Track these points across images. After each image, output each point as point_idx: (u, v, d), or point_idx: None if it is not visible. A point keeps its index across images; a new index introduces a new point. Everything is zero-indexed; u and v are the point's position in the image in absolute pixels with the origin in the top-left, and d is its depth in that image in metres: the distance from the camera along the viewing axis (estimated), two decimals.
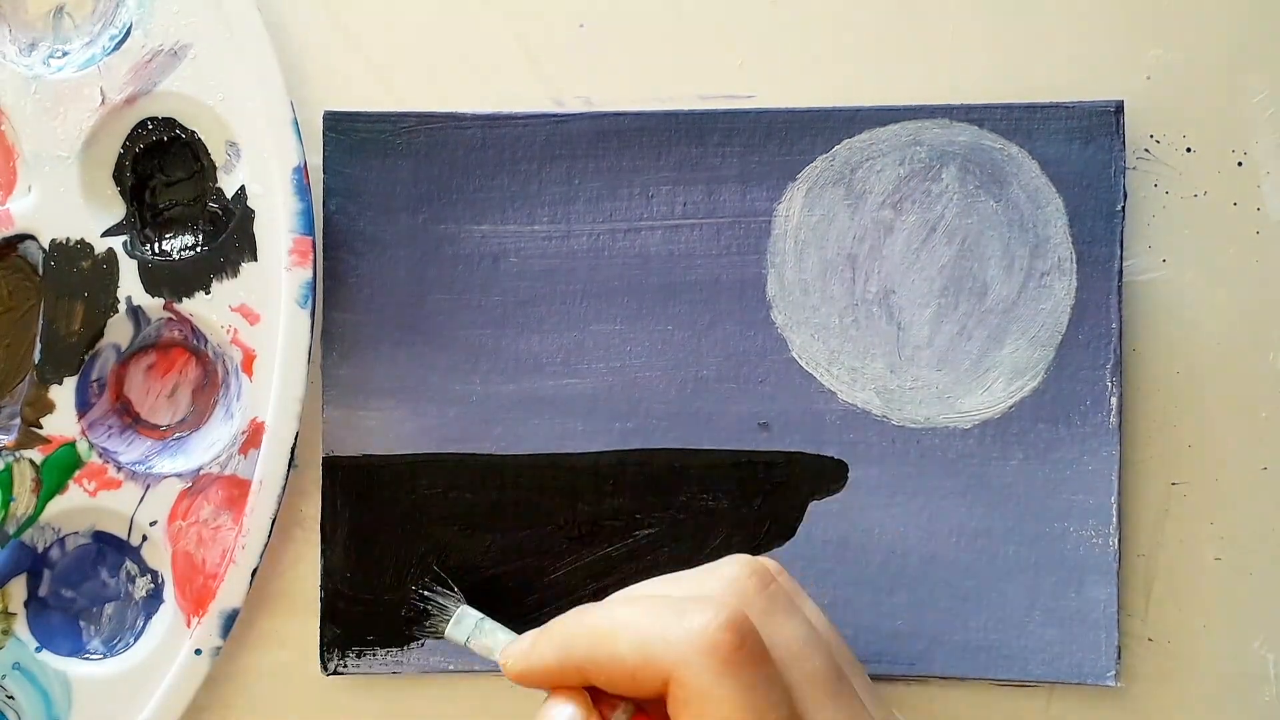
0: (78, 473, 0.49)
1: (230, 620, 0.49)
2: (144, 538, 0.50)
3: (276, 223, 0.48)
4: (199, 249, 0.50)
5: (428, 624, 0.49)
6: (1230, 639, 0.50)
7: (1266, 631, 0.50)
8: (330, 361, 0.50)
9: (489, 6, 0.51)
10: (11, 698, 0.49)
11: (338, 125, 0.50)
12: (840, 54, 0.51)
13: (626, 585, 0.48)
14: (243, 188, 0.49)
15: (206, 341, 0.50)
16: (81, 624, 0.51)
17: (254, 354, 0.49)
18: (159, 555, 0.50)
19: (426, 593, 0.49)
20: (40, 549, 0.50)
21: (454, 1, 0.51)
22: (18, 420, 0.49)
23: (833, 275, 0.50)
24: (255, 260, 0.49)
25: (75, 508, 0.49)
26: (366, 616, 0.50)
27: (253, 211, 0.48)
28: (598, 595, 0.49)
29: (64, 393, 0.49)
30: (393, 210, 0.50)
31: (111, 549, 0.50)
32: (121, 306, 0.49)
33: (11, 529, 0.49)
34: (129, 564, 0.50)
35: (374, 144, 0.50)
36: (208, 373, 0.51)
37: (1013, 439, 0.50)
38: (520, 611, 0.50)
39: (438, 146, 0.50)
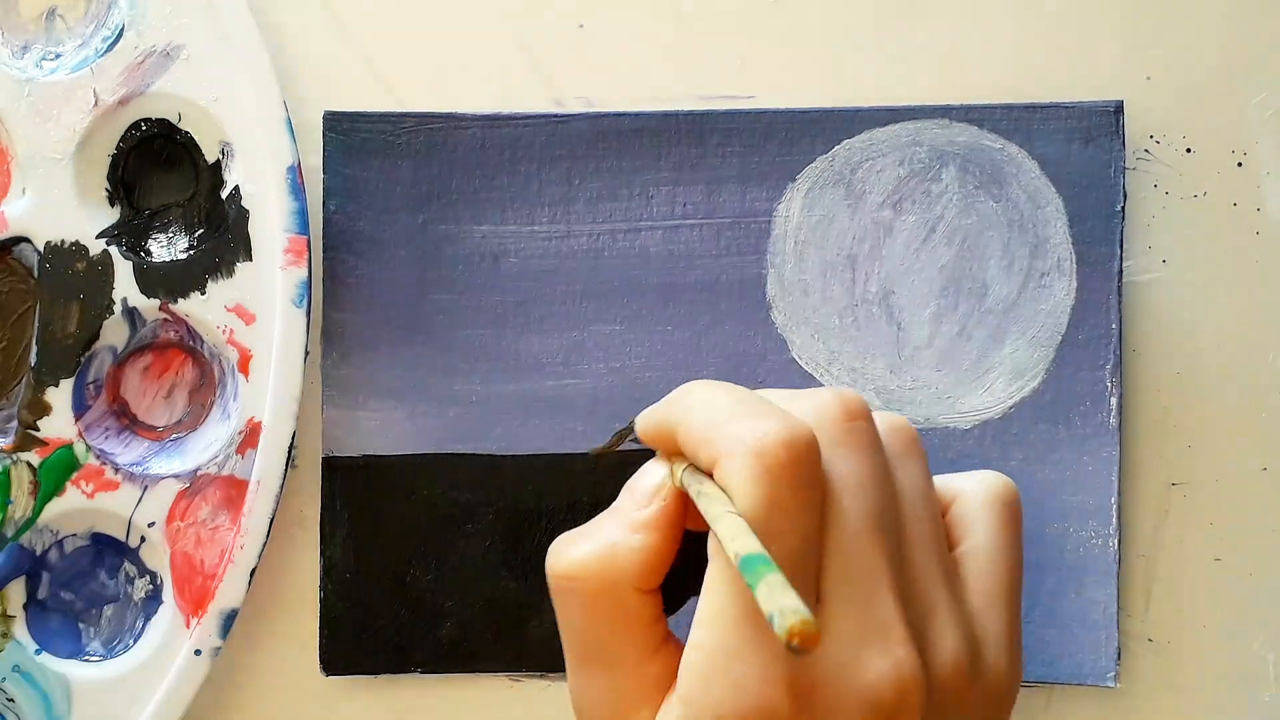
0: (75, 475, 0.47)
1: (229, 620, 0.47)
2: (142, 539, 0.48)
3: (271, 222, 0.47)
4: (194, 249, 0.48)
5: None
6: (1230, 639, 0.48)
7: (1266, 632, 0.48)
8: (330, 362, 0.48)
9: (489, 6, 0.49)
10: (11, 700, 0.47)
11: (338, 125, 0.48)
12: (840, 54, 0.49)
13: None
14: (237, 188, 0.47)
15: (202, 342, 0.48)
16: (81, 626, 0.49)
17: (250, 354, 0.47)
18: (157, 556, 0.48)
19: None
20: (39, 551, 0.48)
21: (454, 1, 0.49)
22: (15, 423, 0.47)
23: (833, 275, 0.48)
24: (250, 260, 0.47)
25: (73, 510, 0.47)
26: (366, 616, 0.48)
27: (247, 211, 0.47)
28: None
29: (61, 395, 0.47)
30: (393, 210, 0.48)
31: (110, 550, 0.48)
32: (117, 308, 0.47)
33: (10, 532, 0.47)
34: (128, 565, 0.48)
35: (374, 144, 0.48)
36: (204, 373, 0.49)
37: (1012, 439, 0.48)
38: (520, 613, 0.48)
39: (438, 147, 0.48)
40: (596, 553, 0.37)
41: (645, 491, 0.38)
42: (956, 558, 0.39)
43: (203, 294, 0.47)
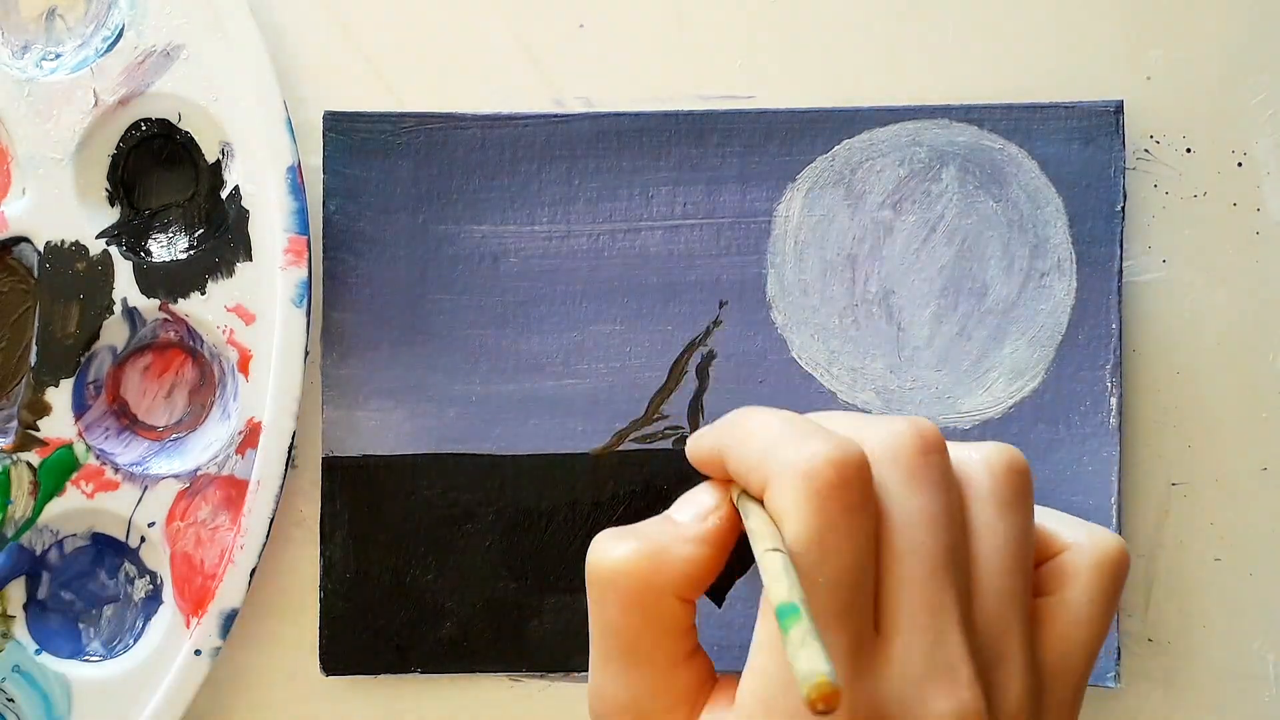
0: (75, 475, 0.47)
1: (229, 620, 0.47)
2: (142, 539, 0.48)
3: (271, 222, 0.46)
4: (194, 249, 0.48)
5: None
6: (1230, 639, 0.48)
7: (1266, 631, 0.48)
8: (330, 361, 0.48)
9: (489, 6, 0.49)
10: (11, 700, 0.47)
11: (338, 125, 0.48)
12: (840, 54, 0.49)
13: None
14: (237, 188, 0.47)
15: (203, 342, 0.48)
16: (81, 626, 0.48)
17: (250, 354, 0.47)
18: (157, 556, 0.47)
19: None
20: (39, 551, 0.48)
21: (454, 1, 0.49)
22: (14, 423, 0.47)
23: (833, 275, 0.48)
24: (250, 260, 0.47)
25: (73, 510, 0.47)
26: (366, 616, 0.48)
27: (247, 211, 0.47)
28: None
29: (61, 395, 0.47)
30: (393, 210, 0.48)
31: (110, 550, 0.48)
32: (117, 308, 0.47)
33: (10, 532, 0.47)
34: (127, 565, 0.48)
35: (374, 144, 0.48)
36: (204, 373, 0.49)
37: (1012, 439, 0.47)
38: (520, 613, 0.48)
39: (438, 147, 0.48)
40: (644, 553, 0.36)
41: (702, 507, 0.38)
42: (1046, 605, 0.38)
43: (203, 294, 0.47)
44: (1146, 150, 0.48)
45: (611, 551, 0.36)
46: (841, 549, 0.34)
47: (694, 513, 0.37)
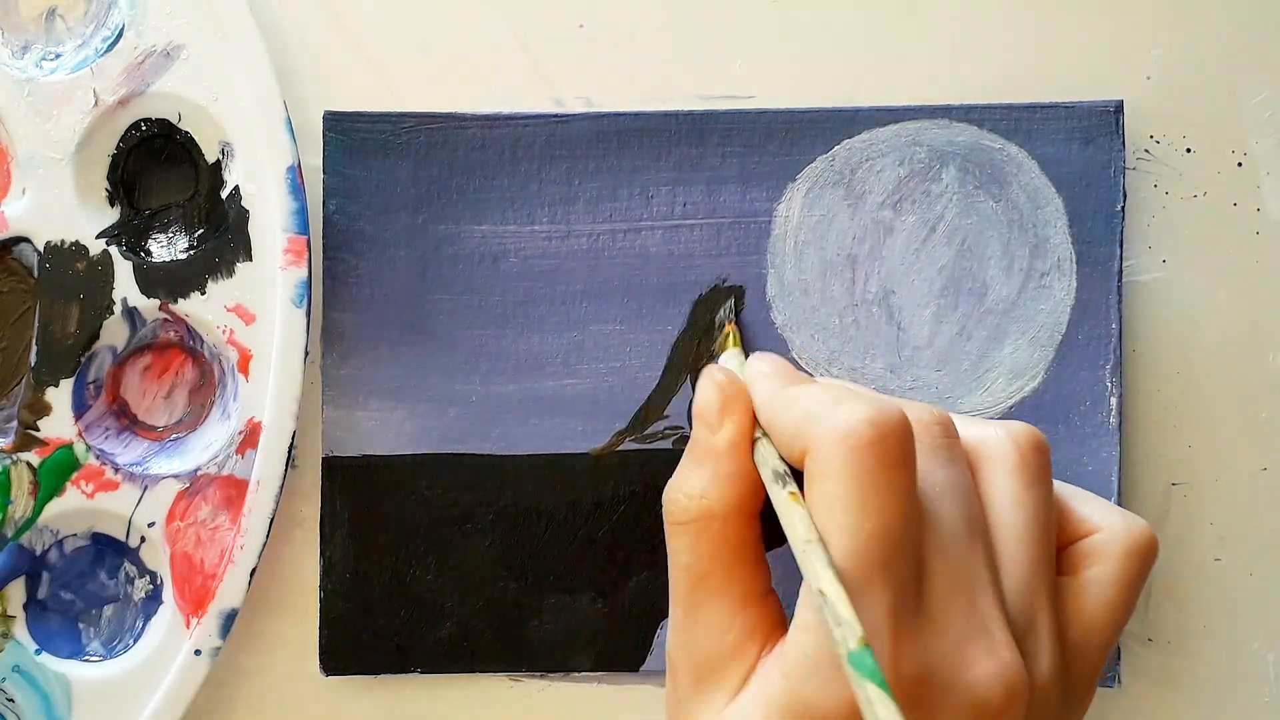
0: (75, 475, 0.47)
1: (229, 620, 0.47)
2: (142, 539, 0.48)
3: (271, 222, 0.46)
4: (194, 249, 0.47)
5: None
6: (1230, 639, 0.48)
7: (1266, 632, 0.48)
8: (330, 362, 0.48)
9: (489, 6, 0.49)
10: (11, 700, 0.47)
11: (338, 125, 0.48)
12: (840, 54, 0.49)
13: (628, 585, 0.47)
14: (237, 188, 0.47)
15: (202, 342, 0.48)
16: (81, 626, 0.48)
17: (250, 354, 0.47)
18: (157, 556, 0.47)
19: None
20: (39, 551, 0.48)
21: (454, 1, 0.49)
22: (14, 423, 0.47)
23: (833, 275, 0.48)
24: (250, 260, 0.47)
25: (73, 510, 0.47)
26: (366, 616, 0.48)
27: (247, 211, 0.46)
28: (599, 597, 0.48)
29: (61, 395, 0.47)
30: (393, 210, 0.48)
31: (110, 550, 0.48)
32: (117, 308, 0.47)
33: (10, 532, 0.47)
34: (128, 565, 0.48)
35: (374, 144, 0.48)
36: (204, 373, 0.49)
37: None
38: (520, 613, 0.48)
39: (438, 146, 0.48)
40: (701, 493, 0.38)
41: (712, 413, 0.40)
42: (1074, 584, 0.39)
43: (203, 294, 0.47)
44: (1146, 150, 0.48)
45: (675, 501, 0.39)
46: (883, 504, 0.35)
47: (710, 422, 0.40)
